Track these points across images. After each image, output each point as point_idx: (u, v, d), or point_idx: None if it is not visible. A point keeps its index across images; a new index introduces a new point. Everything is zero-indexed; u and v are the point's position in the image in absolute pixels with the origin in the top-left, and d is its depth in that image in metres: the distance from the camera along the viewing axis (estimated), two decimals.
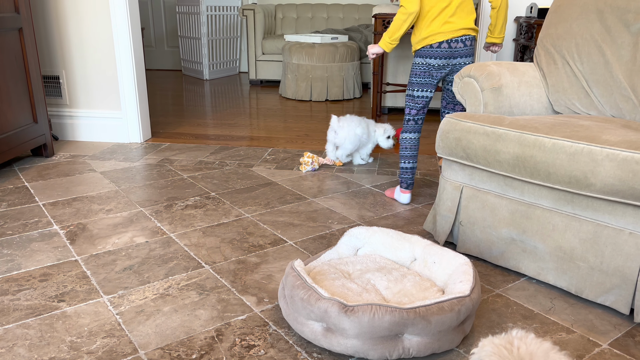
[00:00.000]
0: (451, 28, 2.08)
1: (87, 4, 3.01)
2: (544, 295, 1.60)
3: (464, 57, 2.13)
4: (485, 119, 1.70)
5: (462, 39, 2.09)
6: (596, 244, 1.49)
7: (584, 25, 1.93)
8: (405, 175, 2.28)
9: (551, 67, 2.00)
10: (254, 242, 1.93)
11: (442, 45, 2.09)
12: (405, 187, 2.30)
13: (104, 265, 1.75)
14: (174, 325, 1.43)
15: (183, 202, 2.29)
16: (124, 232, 2.01)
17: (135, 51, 3.10)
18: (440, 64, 2.13)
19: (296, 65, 4.65)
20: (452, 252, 1.54)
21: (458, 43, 2.09)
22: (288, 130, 3.59)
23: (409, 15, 2.06)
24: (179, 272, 1.72)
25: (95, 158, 2.91)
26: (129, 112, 3.17)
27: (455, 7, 2.08)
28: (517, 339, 0.80)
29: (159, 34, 6.47)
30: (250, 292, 1.60)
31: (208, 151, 3.06)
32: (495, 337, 0.83)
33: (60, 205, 2.25)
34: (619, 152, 1.37)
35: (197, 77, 5.94)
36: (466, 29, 2.10)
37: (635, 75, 1.80)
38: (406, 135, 2.26)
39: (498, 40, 2.26)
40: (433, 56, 2.12)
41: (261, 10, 5.30)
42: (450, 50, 2.10)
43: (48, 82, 3.19)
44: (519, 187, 1.64)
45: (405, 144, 2.27)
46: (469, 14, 2.11)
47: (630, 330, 1.43)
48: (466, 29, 2.10)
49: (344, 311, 1.24)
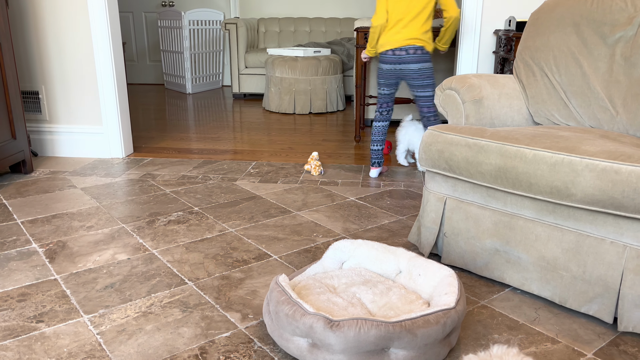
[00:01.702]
0: (398, 38, 2.56)
1: (66, 18, 2.99)
2: (528, 305, 1.61)
3: (409, 63, 2.56)
4: (467, 130, 1.71)
5: (406, 47, 2.55)
6: (578, 253, 1.50)
7: (561, 38, 1.96)
8: (374, 155, 2.82)
9: (530, 79, 2.03)
10: (238, 257, 1.91)
11: (388, 52, 2.59)
12: (374, 165, 2.83)
13: (84, 284, 1.71)
14: (157, 344, 1.40)
15: (166, 218, 2.27)
16: (105, 249, 1.97)
17: (117, 65, 3.08)
18: (389, 68, 2.62)
19: (279, 79, 4.66)
20: (437, 264, 1.54)
21: (401, 51, 2.55)
22: (272, 143, 3.58)
23: (375, 28, 2.61)
24: (162, 289, 1.69)
25: (76, 174, 2.87)
26: (111, 127, 3.14)
27: (407, 21, 2.54)
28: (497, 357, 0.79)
29: (141, 48, 6.45)
30: (234, 309, 1.58)
31: (191, 165, 3.04)
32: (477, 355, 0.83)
33: (40, 223, 2.20)
34: (598, 162, 1.39)
35: (179, 91, 5.92)
36: (412, 39, 2.54)
37: (612, 86, 1.83)
38: (375, 124, 2.82)
39: (441, 49, 2.73)
40: (384, 61, 2.63)
41: (244, 24, 5.31)
42: (395, 57, 2.57)
43: (27, 98, 3.15)
44: (501, 198, 1.65)
45: (374, 130, 2.81)
46: (421, 27, 2.54)
47: (614, 339, 1.44)
48: (412, 39, 2.54)
49: (330, 326, 1.23)
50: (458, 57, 2.96)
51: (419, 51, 2.55)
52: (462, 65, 2.94)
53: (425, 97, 2.64)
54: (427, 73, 2.60)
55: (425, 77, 2.60)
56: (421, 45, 2.55)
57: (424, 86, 2.61)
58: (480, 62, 2.94)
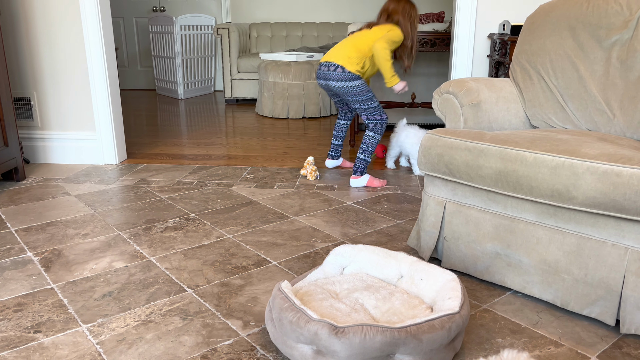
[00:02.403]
0: (327, 55, 2.73)
1: (58, 23, 2.96)
2: (530, 309, 1.61)
3: (328, 80, 2.71)
4: (466, 134, 1.71)
5: (327, 64, 2.70)
6: (580, 256, 1.50)
7: (557, 42, 1.98)
8: (331, 148, 3.08)
9: (527, 82, 2.04)
10: (237, 264, 1.89)
11: (319, 66, 2.77)
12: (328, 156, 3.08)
13: (81, 293, 1.69)
14: (158, 354, 1.38)
15: (162, 224, 2.24)
16: (101, 257, 1.95)
17: (110, 71, 3.05)
18: (319, 82, 2.79)
19: (272, 84, 4.65)
20: (439, 268, 1.53)
21: (322, 67, 2.72)
22: (266, 148, 3.57)
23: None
24: (161, 297, 1.67)
25: (69, 181, 2.84)
26: (104, 133, 3.11)
27: (343, 43, 2.73)
28: None
29: (132, 54, 6.41)
30: (235, 316, 1.56)
31: (186, 171, 3.02)
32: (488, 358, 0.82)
33: (34, 231, 2.17)
34: (599, 165, 1.40)
35: (171, 96, 5.89)
36: (336, 57, 2.68)
37: (608, 89, 1.84)
38: (337, 121, 3.07)
39: (387, 84, 2.76)
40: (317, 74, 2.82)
41: (236, 29, 5.30)
42: (319, 72, 2.75)
43: (19, 104, 3.11)
44: (502, 202, 1.65)
45: (335, 127, 3.07)
46: (350, 49, 2.68)
47: (617, 341, 1.44)
48: (336, 57, 2.68)
49: (335, 333, 1.22)
50: (453, 61, 2.97)
51: (338, 69, 2.65)
52: (457, 69, 2.95)
53: (358, 109, 2.76)
54: (353, 92, 2.69)
55: (354, 95, 2.70)
56: (340, 64, 2.66)
57: (353, 102, 2.73)
58: (474, 66, 2.95)
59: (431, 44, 3.60)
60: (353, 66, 2.67)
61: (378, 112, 2.72)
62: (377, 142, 2.76)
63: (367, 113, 2.73)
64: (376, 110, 2.72)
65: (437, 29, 3.64)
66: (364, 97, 2.70)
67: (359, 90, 2.69)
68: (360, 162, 2.75)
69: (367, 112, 2.73)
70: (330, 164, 3.08)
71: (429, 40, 3.58)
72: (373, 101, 2.72)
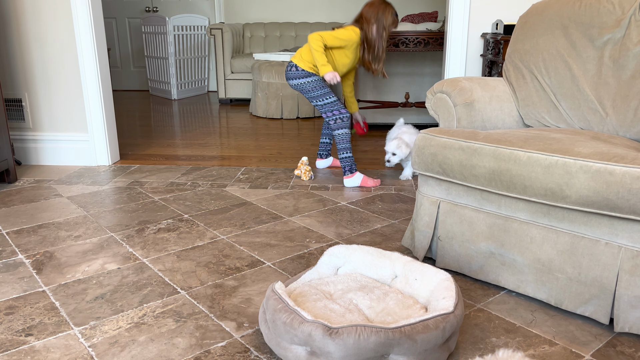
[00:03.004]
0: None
1: (50, 23, 2.94)
2: (524, 308, 1.61)
3: (287, 79, 2.80)
4: (460, 133, 1.71)
5: (288, 64, 2.79)
6: (574, 255, 1.50)
7: (550, 41, 1.98)
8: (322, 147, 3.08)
9: (520, 81, 2.04)
10: (230, 265, 1.88)
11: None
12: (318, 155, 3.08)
13: (73, 295, 1.67)
14: (151, 356, 1.37)
15: (155, 226, 2.23)
16: (94, 259, 1.93)
17: (102, 71, 3.03)
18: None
19: (266, 84, 4.64)
20: (433, 268, 1.53)
21: (288, 66, 2.79)
22: (260, 148, 3.56)
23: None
24: (154, 299, 1.65)
25: (62, 182, 2.82)
26: (96, 134, 3.09)
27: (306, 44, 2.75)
28: None
29: (125, 54, 6.38)
30: (229, 317, 1.55)
31: (179, 172, 3.00)
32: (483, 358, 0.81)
33: (25, 233, 2.15)
34: (592, 163, 1.40)
35: (165, 97, 5.86)
36: (294, 57, 2.78)
37: (601, 88, 1.85)
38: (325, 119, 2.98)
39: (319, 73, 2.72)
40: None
41: (229, 29, 5.28)
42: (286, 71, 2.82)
43: (10, 105, 3.08)
44: (495, 201, 1.65)
45: (323, 125, 3.06)
46: (305, 47, 2.75)
47: (611, 340, 1.45)
48: (294, 57, 2.78)
49: (329, 334, 1.21)
50: (446, 60, 2.97)
51: (293, 68, 2.75)
52: (450, 68, 2.95)
53: (316, 106, 2.80)
54: (307, 88, 2.75)
55: (308, 92, 2.76)
56: (294, 63, 2.75)
57: (310, 99, 2.79)
58: (468, 66, 2.96)
59: (425, 44, 3.60)
60: (305, 63, 2.73)
61: (336, 108, 2.74)
62: (348, 136, 2.76)
63: (324, 109, 2.75)
64: (333, 106, 2.73)
65: (430, 29, 3.64)
66: (317, 92, 2.73)
67: (312, 87, 2.73)
68: (344, 160, 2.76)
69: (324, 109, 2.75)
70: (321, 164, 3.09)
71: (423, 39, 3.59)
72: (328, 97, 2.73)
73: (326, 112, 2.76)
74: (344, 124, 2.76)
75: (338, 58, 2.76)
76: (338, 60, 2.77)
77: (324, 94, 2.73)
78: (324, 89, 2.73)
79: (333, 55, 2.75)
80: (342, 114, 2.74)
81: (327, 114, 2.76)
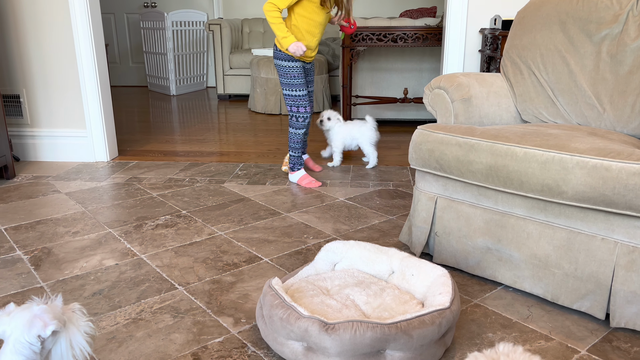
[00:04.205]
0: None
1: (47, 19, 2.93)
2: (521, 303, 1.61)
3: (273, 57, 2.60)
4: (457, 129, 1.71)
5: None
6: (570, 250, 1.50)
7: (548, 36, 1.97)
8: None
9: (518, 77, 2.03)
10: (228, 261, 1.89)
11: None
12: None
13: (71, 291, 1.68)
14: (148, 352, 1.38)
15: (153, 222, 2.23)
16: (92, 255, 1.93)
17: (100, 67, 3.03)
18: None
19: (265, 79, 4.63)
20: (430, 263, 1.53)
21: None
22: (259, 144, 3.56)
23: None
24: (152, 294, 1.66)
25: (60, 178, 2.82)
26: (94, 130, 3.09)
27: None
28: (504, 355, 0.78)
29: (124, 50, 6.36)
30: (226, 313, 1.56)
31: (177, 168, 3.00)
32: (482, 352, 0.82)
33: (23, 229, 2.16)
34: (588, 159, 1.40)
35: (163, 92, 5.85)
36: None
37: (598, 83, 1.85)
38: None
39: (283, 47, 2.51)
40: None
41: (227, 24, 5.27)
42: None
43: (8, 102, 3.08)
44: (492, 197, 1.65)
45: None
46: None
47: (607, 335, 1.45)
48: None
49: (325, 329, 1.22)
50: (444, 56, 2.97)
51: (274, 47, 2.57)
52: (449, 64, 2.95)
53: (283, 94, 2.64)
54: (280, 72, 2.58)
55: (280, 75, 2.59)
56: (275, 43, 2.56)
57: (281, 84, 2.62)
58: (466, 61, 2.95)
59: (423, 39, 3.59)
60: (279, 43, 2.52)
61: (299, 104, 2.58)
62: (299, 137, 2.66)
63: (287, 100, 2.61)
64: (297, 101, 2.57)
65: (429, 24, 3.63)
66: (287, 80, 2.55)
67: (285, 72, 2.55)
68: (291, 158, 2.73)
69: (287, 100, 2.60)
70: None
71: (421, 35, 3.58)
72: (297, 89, 2.56)
73: (288, 104, 2.61)
74: (298, 125, 2.63)
75: (303, 23, 2.47)
76: (304, 26, 2.48)
77: (293, 85, 2.55)
78: (295, 79, 2.54)
79: (298, 22, 2.47)
80: (300, 113, 2.59)
81: (288, 106, 2.62)
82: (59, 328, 0.95)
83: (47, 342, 0.96)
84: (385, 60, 3.95)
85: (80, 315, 1.01)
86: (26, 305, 0.97)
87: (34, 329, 0.93)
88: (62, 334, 0.97)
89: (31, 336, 0.93)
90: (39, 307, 0.96)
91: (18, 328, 0.94)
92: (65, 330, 0.97)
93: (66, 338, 0.98)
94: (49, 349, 0.97)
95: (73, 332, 0.99)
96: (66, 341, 0.98)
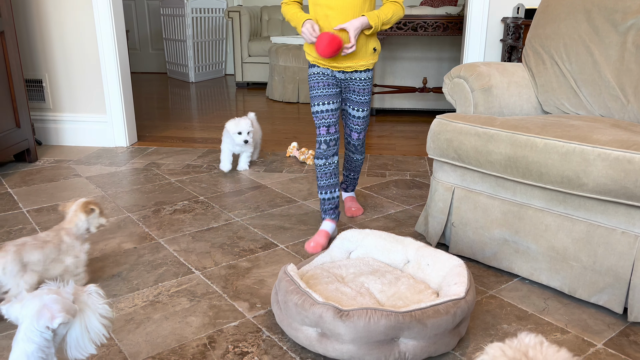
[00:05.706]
0: None
1: (70, 6, 2.96)
2: (537, 295, 1.60)
3: None
4: (476, 119, 1.69)
5: None
6: (589, 243, 1.49)
7: (572, 26, 1.94)
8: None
9: (540, 67, 2.00)
10: (244, 247, 1.90)
11: None
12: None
13: (91, 273, 1.71)
14: (165, 333, 1.40)
15: (171, 207, 2.26)
16: (111, 238, 1.97)
17: (120, 53, 3.05)
18: None
19: (283, 67, 4.63)
20: (446, 253, 1.53)
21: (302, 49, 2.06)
22: (276, 132, 3.57)
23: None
24: (169, 278, 1.68)
25: (80, 163, 2.86)
26: (115, 116, 3.12)
27: None
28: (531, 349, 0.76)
29: (143, 37, 6.40)
30: (242, 298, 1.57)
31: (195, 154, 3.03)
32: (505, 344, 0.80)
33: (45, 212, 2.20)
34: (610, 151, 1.37)
35: (182, 79, 5.89)
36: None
37: (623, 74, 1.81)
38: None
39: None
40: None
41: (247, 12, 5.27)
42: None
43: (30, 86, 3.13)
44: (511, 188, 1.63)
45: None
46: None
47: (624, 329, 1.43)
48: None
49: (339, 316, 1.23)
50: (465, 45, 2.93)
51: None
52: (469, 53, 2.91)
53: None
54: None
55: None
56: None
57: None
58: (487, 51, 2.91)
59: (444, 28, 3.55)
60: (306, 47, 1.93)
61: (320, 124, 1.90)
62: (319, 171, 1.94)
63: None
64: (315, 117, 1.91)
65: (450, 13, 3.59)
66: (310, 91, 1.93)
67: (309, 80, 1.93)
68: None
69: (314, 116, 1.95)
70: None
71: (442, 24, 3.53)
72: (314, 102, 1.90)
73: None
74: (317, 152, 1.92)
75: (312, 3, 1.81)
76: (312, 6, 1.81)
77: (311, 97, 1.91)
78: (313, 90, 1.89)
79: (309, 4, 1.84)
80: (318, 135, 1.90)
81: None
82: (67, 320, 0.95)
83: (59, 329, 0.97)
84: (404, 49, 3.92)
85: (96, 297, 1.02)
86: (38, 292, 0.99)
87: (42, 319, 0.94)
88: (76, 320, 0.98)
89: (40, 326, 0.94)
90: (49, 297, 0.96)
91: (28, 317, 0.95)
92: (79, 314, 0.99)
93: (81, 322, 0.99)
94: (62, 335, 0.99)
95: (89, 316, 1.00)
96: (81, 326, 0.99)
